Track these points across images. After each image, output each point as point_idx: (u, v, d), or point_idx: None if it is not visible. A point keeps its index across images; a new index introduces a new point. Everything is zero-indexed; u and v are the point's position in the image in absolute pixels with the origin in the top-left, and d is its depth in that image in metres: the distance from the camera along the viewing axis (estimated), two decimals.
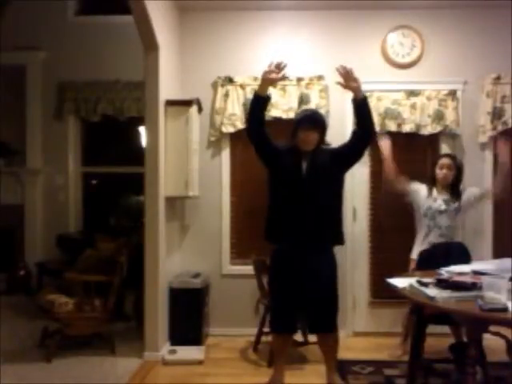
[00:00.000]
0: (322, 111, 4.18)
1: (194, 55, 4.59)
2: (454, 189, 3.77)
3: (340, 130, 4.41)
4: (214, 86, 4.53)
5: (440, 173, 3.77)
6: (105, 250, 4.26)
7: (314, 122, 3.13)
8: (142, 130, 5.19)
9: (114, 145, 6.02)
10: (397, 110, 4.41)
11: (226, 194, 4.59)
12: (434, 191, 3.78)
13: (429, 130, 4.41)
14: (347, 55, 4.50)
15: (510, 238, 4.23)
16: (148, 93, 3.89)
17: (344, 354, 3.68)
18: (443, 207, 3.71)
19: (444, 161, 3.80)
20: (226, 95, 4.47)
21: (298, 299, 3.12)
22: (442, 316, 2.89)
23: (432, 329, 3.14)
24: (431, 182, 3.83)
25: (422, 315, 3.02)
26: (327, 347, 3.25)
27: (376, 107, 4.40)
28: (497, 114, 4.39)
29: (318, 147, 3.16)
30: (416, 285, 2.62)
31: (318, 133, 3.12)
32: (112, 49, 5.43)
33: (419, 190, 3.84)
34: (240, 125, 4.44)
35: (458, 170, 3.79)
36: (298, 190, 3.09)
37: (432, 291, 2.49)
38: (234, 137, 4.56)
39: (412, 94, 4.42)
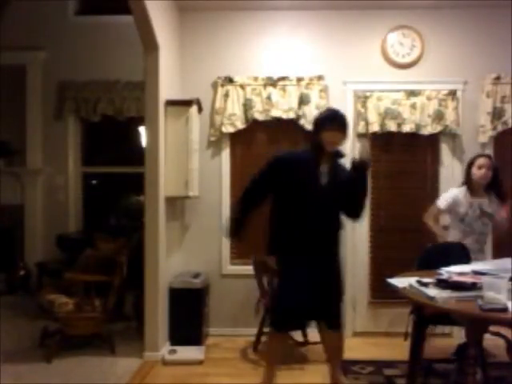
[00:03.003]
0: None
1: (194, 55, 4.59)
2: (495, 192, 3.76)
3: None
4: (214, 86, 4.53)
5: (478, 172, 3.72)
6: (105, 250, 4.26)
7: (341, 122, 3.04)
8: (142, 130, 5.19)
9: (114, 145, 6.00)
10: (397, 110, 4.41)
11: (226, 194, 4.59)
12: (468, 195, 3.76)
13: (429, 130, 4.41)
14: (347, 55, 4.53)
15: (510, 239, 4.22)
16: (148, 93, 3.89)
17: (344, 354, 3.67)
18: (478, 213, 3.73)
19: (483, 160, 3.76)
20: (226, 95, 4.47)
21: (310, 298, 3.08)
22: (442, 316, 2.89)
23: (432, 329, 3.14)
24: (468, 182, 3.79)
25: (422, 315, 3.02)
26: (334, 346, 3.23)
27: (376, 107, 4.41)
28: (497, 114, 4.39)
29: (337, 156, 3.13)
30: (416, 285, 2.62)
31: (344, 134, 3.07)
32: (112, 49, 5.42)
33: (451, 199, 3.80)
34: (240, 125, 4.44)
35: (494, 171, 3.76)
36: (315, 204, 3.04)
37: (432, 291, 2.48)
38: (234, 137, 4.56)
39: (412, 94, 4.42)
